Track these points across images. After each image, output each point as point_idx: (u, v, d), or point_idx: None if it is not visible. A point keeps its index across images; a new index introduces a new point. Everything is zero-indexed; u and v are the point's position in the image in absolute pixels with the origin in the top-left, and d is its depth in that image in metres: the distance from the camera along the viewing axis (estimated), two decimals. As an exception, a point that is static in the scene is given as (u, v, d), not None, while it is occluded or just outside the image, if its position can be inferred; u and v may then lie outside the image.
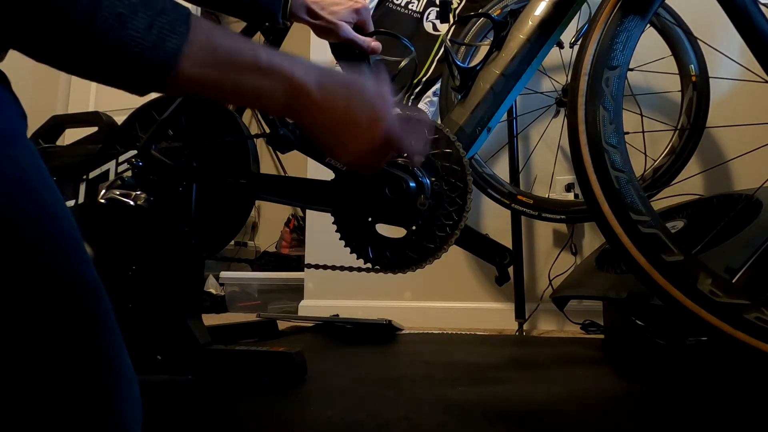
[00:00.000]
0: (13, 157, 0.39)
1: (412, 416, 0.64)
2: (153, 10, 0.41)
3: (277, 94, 0.51)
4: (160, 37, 0.41)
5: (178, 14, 0.43)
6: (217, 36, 0.46)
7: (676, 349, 0.96)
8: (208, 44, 0.45)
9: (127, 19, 0.40)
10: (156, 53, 0.41)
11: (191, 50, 0.43)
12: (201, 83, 0.46)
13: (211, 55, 0.45)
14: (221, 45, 0.46)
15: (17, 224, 0.37)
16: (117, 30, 0.39)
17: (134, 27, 0.40)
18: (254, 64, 0.49)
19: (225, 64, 0.46)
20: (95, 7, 0.38)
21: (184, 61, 0.43)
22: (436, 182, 0.82)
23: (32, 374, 0.37)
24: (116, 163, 1.01)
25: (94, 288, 0.41)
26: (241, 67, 0.48)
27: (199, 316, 0.95)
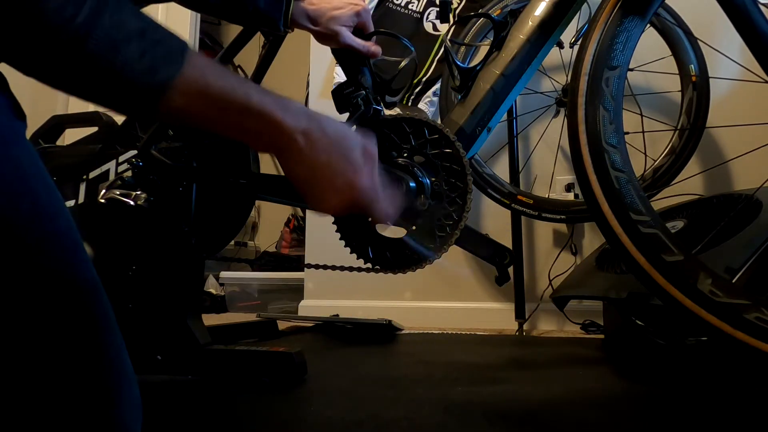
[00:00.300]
0: (12, 157, 0.39)
1: (412, 416, 0.64)
2: (148, 40, 0.42)
3: (263, 137, 0.51)
4: (152, 65, 0.41)
5: (174, 46, 0.43)
6: (211, 73, 0.46)
7: (676, 349, 0.96)
8: (201, 79, 0.45)
9: (121, 45, 0.40)
10: (146, 81, 0.41)
11: (182, 83, 0.44)
12: (189, 115, 0.46)
13: (202, 90, 0.46)
14: (214, 82, 0.46)
15: (16, 224, 0.37)
16: (110, 55, 0.39)
17: (127, 53, 0.40)
18: (245, 105, 0.49)
19: (215, 101, 0.47)
20: (88, 31, 0.38)
21: (173, 92, 0.43)
22: (436, 182, 0.82)
23: (32, 374, 0.37)
24: (116, 163, 1.01)
25: (93, 288, 0.41)
26: (231, 106, 0.48)
27: (199, 316, 0.95)
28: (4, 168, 0.38)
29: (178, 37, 0.44)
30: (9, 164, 0.38)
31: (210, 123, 0.48)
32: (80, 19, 0.38)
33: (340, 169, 0.56)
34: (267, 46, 1.02)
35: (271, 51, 1.03)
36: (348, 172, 0.57)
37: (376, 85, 0.89)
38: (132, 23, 0.41)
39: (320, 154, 0.54)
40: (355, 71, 0.88)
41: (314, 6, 0.88)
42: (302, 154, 0.53)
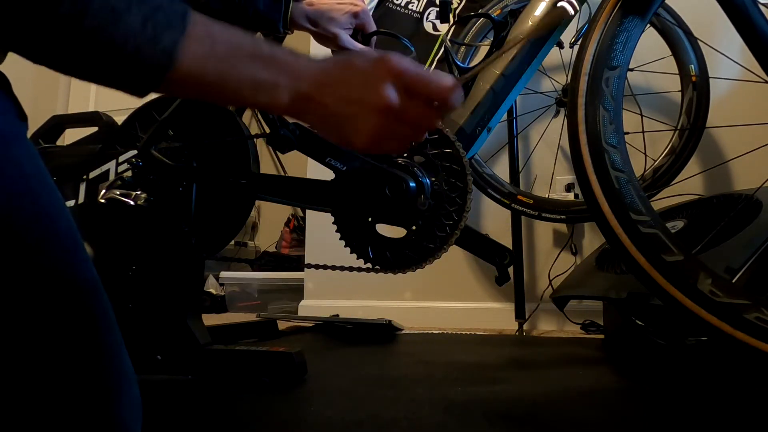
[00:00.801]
0: (14, 158, 0.39)
1: (412, 416, 0.64)
2: (148, 5, 0.40)
3: (281, 83, 0.49)
4: (156, 32, 0.40)
5: (175, 9, 0.41)
6: (216, 29, 0.44)
7: (676, 349, 0.95)
8: (207, 37, 0.43)
9: (121, 14, 0.38)
10: (152, 49, 0.40)
11: (189, 45, 0.42)
12: (201, 80, 0.44)
13: (210, 48, 0.43)
14: (220, 37, 0.44)
15: (17, 224, 0.37)
16: (110, 26, 0.38)
17: (128, 22, 0.38)
18: (256, 54, 0.47)
19: (225, 57, 0.45)
20: (87, 1, 0.37)
21: (183, 57, 0.41)
22: (436, 182, 0.82)
23: (31, 374, 0.37)
24: (116, 163, 1.01)
25: (93, 287, 0.41)
26: (242, 58, 0.46)
27: (199, 316, 0.95)
28: (6, 168, 0.38)
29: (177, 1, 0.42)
30: (11, 164, 0.38)
31: (222, 86, 0.45)
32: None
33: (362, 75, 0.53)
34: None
35: (271, 51, 1.03)
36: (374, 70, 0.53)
37: (376, 85, 0.89)
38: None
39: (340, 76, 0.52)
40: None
41: (313, 7, 0.88)
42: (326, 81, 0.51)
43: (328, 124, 0.53)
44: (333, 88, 0.51)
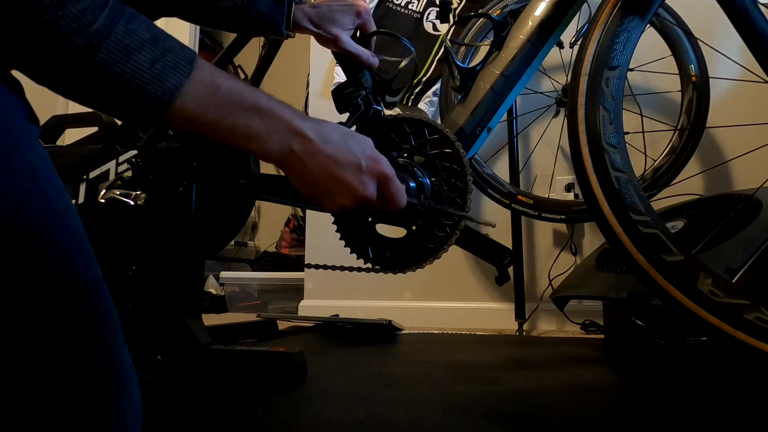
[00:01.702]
0: (26, 159, 0.40)
1: (412, 416, 0.64)
2: (160, 48, 0.43)
3: (273, 136, 0.53)
4: (162, 72, 0.43)
5: (184, 54, 0.45)
6: (219, 78, 0.48)
7: (676, 349, 0.96)
8: (210, 84, 0.47)
9: (132, 52, 0.41)
10: (156, 87, 0.43)
11: (192, 88, 0.45)
12: (198, 121, 0.47)
13: (212, 94, 0.47)
14: (223, 85, 0.48)
15: (27, 223, 0.38)
16: (119, 62, 0.41)
17: (138, 61, 0.41)
18: (254, 106, 0.51)
19: (225, 104, 0.48)
20: (104, 37, 0.40)
21: (183, 98, 0.44)
22: (436, 182, 0.82)
23: (33, 372, 0.37)
24: (116, 163, 1.01)
25: (97, 287, 0.41)
26: (241, 108, 0.49)
27: (199, 316, 0.95)
28: (18, 168, 0.39)
29: (187, 47, 0.46)
30: (23, 165, 0.39)
31: (219, 128, 0.49)
32: (96, 26, 0.39)
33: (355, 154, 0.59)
34: (267, 47, 1.03)
35: (271, 51, 1.03)
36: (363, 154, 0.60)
37: (376, 85, 0.89)
38: (144, 32, 0.42)
39: (330, 150, 0.57)
40: (355, 72, 0.88)
41: (315, 8, 0.88)
42: (313, 149, 0.55)
43: (306, 186, 0.59)
44: (323, 160, 0.57)
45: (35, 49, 0.38)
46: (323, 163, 0.56)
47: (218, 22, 0.87)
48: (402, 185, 0.66)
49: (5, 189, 0.37)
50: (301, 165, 0.56)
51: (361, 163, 0.59)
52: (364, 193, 0.60)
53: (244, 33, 0.97)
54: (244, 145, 0.52)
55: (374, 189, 0.62)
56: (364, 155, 0.60)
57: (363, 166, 0.60)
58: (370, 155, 0.61)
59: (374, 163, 0.61)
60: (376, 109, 0.85)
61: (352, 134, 0.62)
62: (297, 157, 0.55)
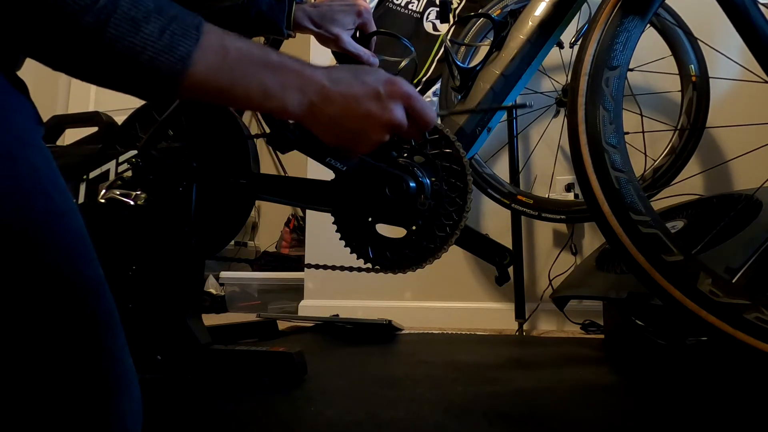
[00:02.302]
0: (30, 159, 0.40)
1: (412, 416, 0.64)
2: (166, 15, 0.42)
3: (288, 90, 0.52)
4: (172, 41, 0.42)
5: (190, 20, 0.44)
6: (227, 39, 0.47)
7: (676, 349, 0.96)
8: (219, 46, 0.46)
9: (140, 23, 0.40)
10: (167, 57, 0.42)
11: (203, 53, 0.44)
12: (212, 86, 0.46)
13: (222, 56, 0.46)
14: (232, 46, 0.47)
15: (31, 222, 0.38)
16: (129, 35, 0.40)
17: (146, 32, 0.41)
18: (266, 62, 0.50)
19: (236, 65, 0.47)
20: (110, 12, 0.39)
21: (196, 65, 0.44)
22: (436, 182, 0.82)
23: (33, 371, 0.37)
24: (116, 163, 1.01)
25: (98, 286, 0.41)
26: (252, 66, 0.49)
27: (199, 316, 0.95)
28: (23, 169, 0.39)
29: (192, 13, 0.45)
30: (27, 165, 0.39)
31: (234, 90, 0.48)
32: (102, 1, 0.38)
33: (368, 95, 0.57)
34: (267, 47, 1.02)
35: (271, 51, 1.03)
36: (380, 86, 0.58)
37: (376, 85, 0.89)
38: (149, 2, 0.42)
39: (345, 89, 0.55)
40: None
41: (316, 8, 0.88)
42: (330, 94, 0.54)
43: (334, 134, 0.57)
44: (343, 101, 0.55)
45: (45, 31, 0.38)
46: (344, 104, 0.55)
47: (218, 22, 0.87)
48: (426, 101, 0.64)
49: (9, 189, 0.37)
50: (322, 114, 0.54)
51: (379, 90, 0.58)
52: (393, 118, 0.58)
53: (244, 33, 0.97)
54: (262, 104, 0.51)
55: (402, 112, 0.60)
56: (380, 82, 0.58)
57: (382, 93, 0.58)
58: (385, 80, 0.59)
59: (393, 86, 0.59)
60: (376, 109, 0.85)
61: (362, 68, 0.60)
62: (317, 107, 0.54)
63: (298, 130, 0.86)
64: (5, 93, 0.41)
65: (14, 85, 0.42)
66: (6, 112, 0.40)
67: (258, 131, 1.31)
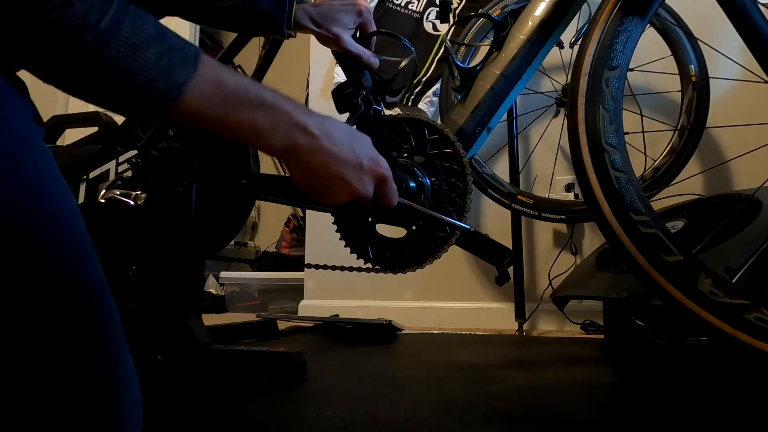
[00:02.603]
0: (31, 159, 0.40)
1: (412, 416, 0.64)
2: (165, 44, 0.43)
3: (278, 131, 0.53)
4: (169, 68, 0.43)
5: (189, 51, 0.46)
6: (224, 73, 0.49)
7: (676, 349, 0.96)
8: (215, 79, 0.47)
9: (139, 49, 0.42)
10: (163, 83, 0.43)
11: (198, 83, 0.46)
12: (204, 115, 0.48)
13: (217, 89, 0.48)
14: (228, 81, 0.49)
15: (33, 222, 0.38)
16: (127, 59, 0.41)
17: (145, 57, 0.42)
18: (259, 100, 0.51)
19: (230, 99, 0.49)
20: (110, 36, 0.40)
21: (190, 93, 0.45)
22: (436, 182, 0.82)
23: (33, 370, 0.37)
24: (116, 163, 1.01)
25: (99, 286, 0.41)
26: (245, 102, 0.50)
27: (199, 316, 0.95)
28: (24, 169, 0.39)
29: (192, 44, 0.47)
30: (28, 166, 0.40)
31: (224, 122, 0.50)
32: (104, 24, 0.39)
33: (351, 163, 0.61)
34: (267, 46, 1.02)
35: (271, 51, 1.03)
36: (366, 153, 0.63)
37: (376, 85, 0.89)
38: (150, 30, 0.43)
39: (334, 148, 0.58)
40: (355, 72, 0.88)
41: (316, 7, 0.88)
42: (317, 146, 0.57)
43: (307, 180, 0.60)
44: (327, 157, 0.58)
45: (44, 48, 0.39)
46: (325, 161, 0.58)
47: (219, 22, 0.87)
48: (395, 186, 0.69)
49: (11, 189, 0.38)
50: (303, 160, 0.57)
51: (362, 163, 0.62)
52: (362, 191, 0.63)
53: (244, 32, 0.97)
54: (249, 140, 0.53)
55: (372, 188, 0.65)
56: (366, 156, 0.62)
57: (364, 167, 0.62)
58: (371, 156, 0.64)
59: (374, 164, 0.64)
60: (376, 109, 0.85)
61: (356, 134, 0.64)
62: (301, 151, 0.56)
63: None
64: (6, 93, 0.41)
65: (14, 85, 0.42)
66: (7, 112, 0.40)
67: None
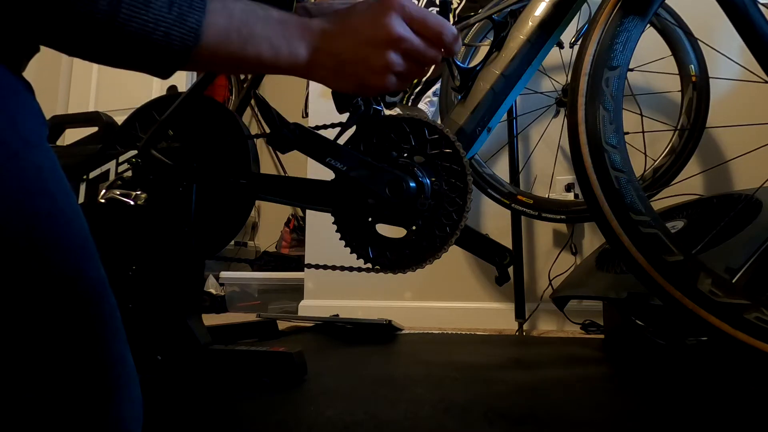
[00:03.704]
0: (35, 160, 0.40)
1: (412, 416, 0.64)
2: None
3: (294, 43, 0.53)
4: (180, 13, 0.43)
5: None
6: (230, 2, 0.49)
7: (676, 349, 0.96)
8: (224, 11, 0.47)
9: (151, 1, 0.42)
10: (179, 30, 0.43)
11: (211, 21, 0.46)
12: (224, 51, 0.48)
13: (228, 20, 0.48)
14: (235, 9, 0.49)
15: (35, 221, 0.38)
16: (141, 14, 0.41)
17: (157, 9, 0.42)
18: (269, 19, 0.52)
19: (243, 26, 0.49)
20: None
21: (207, 33, 0.45)
22: (436, 182, 0.82)
23: (33, 370, 0.37)
24: (116, 163, 1.01)
25: (100, 286, 0.41)
26: (257, 25, 0.50)
27: (199, 316, 0.95)
28: (28, 169, 0.39)
29: None
30: (32, 166, 0.40)
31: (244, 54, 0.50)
32: None
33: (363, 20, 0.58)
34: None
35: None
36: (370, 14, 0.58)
37: (376, 85, 0.89)
38: None
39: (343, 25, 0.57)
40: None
41: (317, 7, 0.88)
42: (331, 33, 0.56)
43: (343, 72, 0.58)
44: (342, 36, 0.57)
45: (60, 21, 0.39)
46: (343, 37, 0.57)
47: None
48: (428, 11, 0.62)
49: (13, 189, 0.38)
50: (329, 55, 0.56)
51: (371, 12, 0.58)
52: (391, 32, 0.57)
53: None
54: (273, 62, 0.53)
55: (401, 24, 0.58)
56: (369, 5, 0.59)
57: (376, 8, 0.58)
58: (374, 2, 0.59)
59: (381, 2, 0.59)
60: (376, 109, 0.85)
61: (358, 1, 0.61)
62: (323, 50, 0.55)
63: (298, 130, 0.86)
64: (12, 94, 0.41)
65: (20, 85, 0.42)
66: (13, 112, 0.40)
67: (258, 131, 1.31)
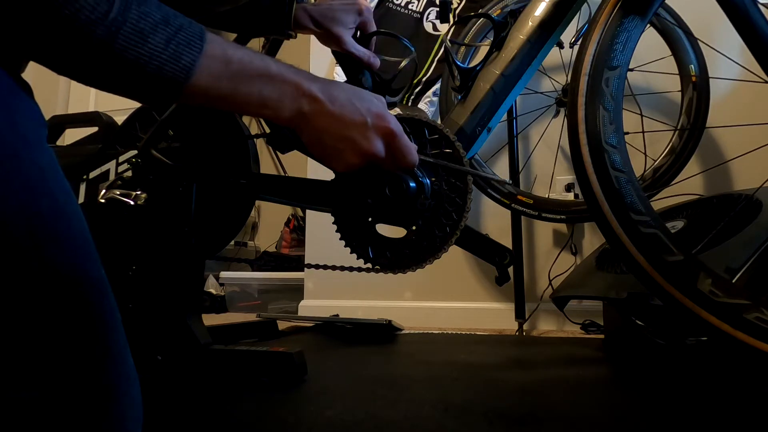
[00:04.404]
0: (36, 160, 0.40)
1: (412, 416, 0.64)
2: (172, 27, 0.44)
3: (285, 101, 0.55)
4: (177, 51, 0.45)
5: (194, 31, 0.47)
6: (229, 49, 0.50)
7: (676, 349, 0.96)
8: (222, 57, 0.49)
9: (148, 35, 0.43)
10: (172, 66, 0.44)
11: (206, 63, 0.47)
12: (213, 93, 0.49)
13: (224, 66, 0.49)
14: (234, 56, 0.50)
15: (36, 222, 0.38)
16: (138, 46, 0.42)
17: (153, 43, 0.43)
18: (265, 73, 0.53)
19: (237, 75, 0.50)
20: (120, 25, 0.41)
21: (199, 73, 0.46)
22: (436, 182, 0.82)
23: (33, 369, 0.37)
24: (116, 163, 1.01)
25: (100, 286, 0.41)
26: (252, 76, 0.52)
27: (199, 316, 0.95)
28: (29, 169, 0.39)
29: (196, 23, 0.47)
30: (33, 166, 0.40)
31: (232, 100, 0.51)
32: (113, 14, 0.40)
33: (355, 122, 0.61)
34: (267, 47, 1.02)
35: (272, 51, 1.03)
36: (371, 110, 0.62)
37: (376, 86, 0.89)
38: (156, 13, 0.44)
39: (337, 109, 0.59)
40: (355, 72, 0.88)
41: (317, 7, 0.88)
42: (321, 110, 0.58)
43: (318, 146, 0.62)
44: (330, 118, 0.59)
45: (57, 43, 0.40)
46: (330, 123, 0.59)
47: (219, 22, 0.87)
48: (412, 143, 0.68)
49: (14, 189, 0.38)
50: (311, 126, 0.58)
51: (366, 121, 0.62)
52: (371, 149, 0.62)
53: (244, 33, 0.97)
54: (258, 112, 0.55)
55: (381, 146, 0.64)
56: (369, 113, 0.62)
57: (369, 124, 0.62)
58: (375, 113, 0.63)
59: (380, 120, 0.63)
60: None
61: (359, 92, 0.63)
62: (307, 118, 0.57)
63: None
64: (11, 94, 0.41)
65: (19, 86, 0.42)
66: (12, 113, 0.40)
67: (258, 131, 1.30)
